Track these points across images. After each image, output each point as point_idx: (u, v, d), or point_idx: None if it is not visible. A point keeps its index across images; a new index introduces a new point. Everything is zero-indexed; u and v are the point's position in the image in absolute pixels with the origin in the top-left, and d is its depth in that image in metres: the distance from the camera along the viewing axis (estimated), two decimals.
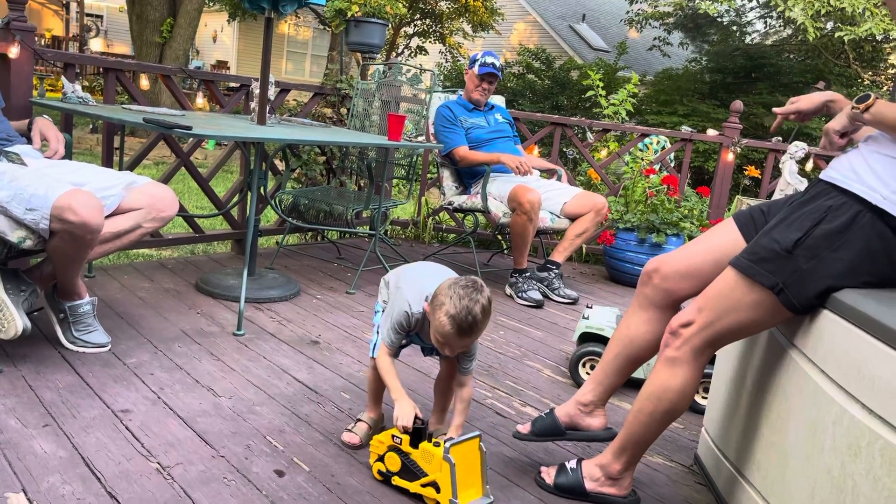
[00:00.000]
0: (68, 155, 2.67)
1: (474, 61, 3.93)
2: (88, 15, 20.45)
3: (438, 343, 1.74)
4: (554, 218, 3.73)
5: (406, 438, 1.72)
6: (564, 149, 7.73)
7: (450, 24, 14.83)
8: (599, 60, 13.80)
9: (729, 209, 4.96)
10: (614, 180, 5.09)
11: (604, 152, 5.25)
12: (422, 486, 1.72)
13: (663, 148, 5.45)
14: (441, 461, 1.67)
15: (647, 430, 1.74)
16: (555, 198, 3.76)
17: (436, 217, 4.96)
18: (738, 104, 4.69)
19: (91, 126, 10.27)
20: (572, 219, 3.74)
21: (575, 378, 2.65)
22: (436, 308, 1.69)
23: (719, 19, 13.72)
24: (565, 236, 3.74)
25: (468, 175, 3.95)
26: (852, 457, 1.31)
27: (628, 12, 14.63)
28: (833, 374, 1.41)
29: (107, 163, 3.28)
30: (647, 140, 5.39)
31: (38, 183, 2.09)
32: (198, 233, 3.82)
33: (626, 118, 5.61)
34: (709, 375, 2.34)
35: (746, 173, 5.06)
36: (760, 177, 5.00)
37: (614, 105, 5.51)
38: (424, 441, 1.71)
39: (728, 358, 1.98)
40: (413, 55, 15.44)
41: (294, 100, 4.76)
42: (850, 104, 1.59)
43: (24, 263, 2.67)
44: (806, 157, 3.80)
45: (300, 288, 3.36)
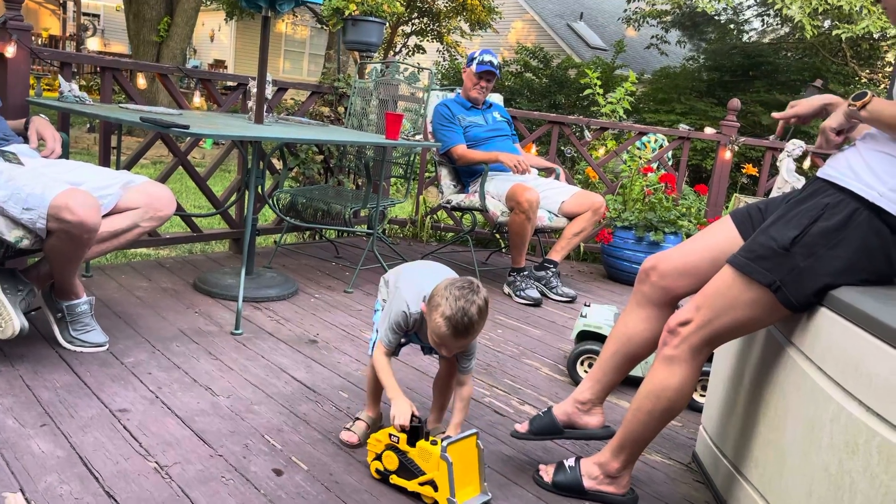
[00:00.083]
0: (65, 154, 2.67)
1: (472, 59, 3.92)
2: (85, 14, 20.42)
3: (435, 343, 1.74)
4: (552, 217, 3.73)
5: (403, 437, 1.72)
6: (562, 147, 7.73)
7: (447, 23, 14.83)
8: (597, 59, 13.80)
9: (727, 207, 4.96)
10: (612, 179, 5.09)
11: (601, 151, 5.25)
12: (419, 485, 1.72)
13: (661, 146, 5.45)
14: (438, 459, 1.67)
15: (646, 429, 1.74)
16: (553, 197, 3.76)
17: (434, 216, 4.96)
18: (736, 102, 4.69)
19: (88, 125, 10.26)
20: (570, 218, 3.74)
21: (573, 376, 2.65)
22: (432, 309, 1.69)
23: (717, 17, 13.72)
24: (563, 235, 3.75)
25: (466, 174, 3.95)
26: (850, 454, 1.31)
27: (626, 10, 14.63)
28: (831, 372, 1.41)
29: (104, 162, 3.28)
30: (645, 138, 5.39)
31: (35, 182, 2.09)
32: (195, 232, 3.81)
33: (624, 116, 5.61)
34: (707, 373, 2.35)
35: (744, 171, 5.06)
36: (758, 175, 5.00)
37: (612, 103, 5.51)
38: (422, 439, 1.72)
39: (726, 356, 1.98)
40: (410, 54, 15.44)
41: (291, 99, 4.75)
42: (847, 102, 1.59)
43: (22, 263, 2.67)
44: (803, 155, 3.80)
45: (298, 287, 3.36)
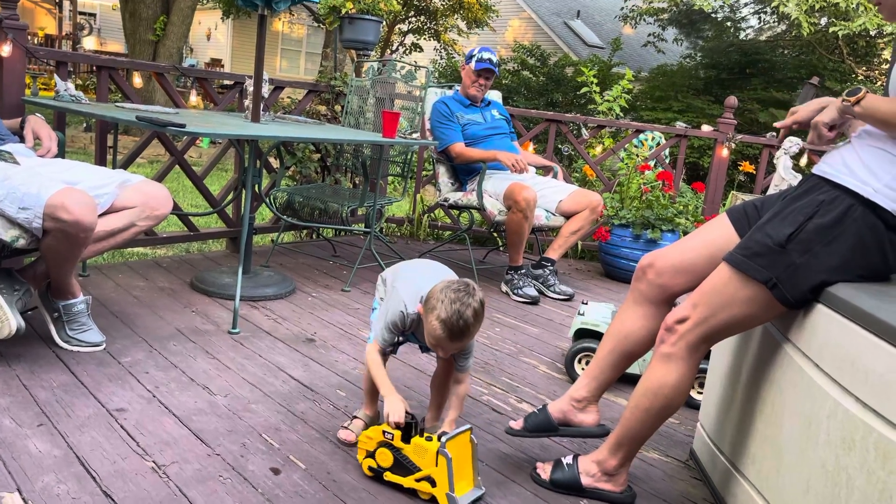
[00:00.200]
0: (61, 153, 2.66)
1: (471, 57, 3.90)
2: (81, 13, 20.37)
3: (432, 344, 1.76)
4: (549, 216, 3.73)
5: (398, 434, 1.73)
6: (559, 145, 7.73)
7: (444, 21, 14.80)
8: (594, 57, 13.80)
9: (724, 205, 4.97)
10: (609, 177, 5.09)
11: (598, 149, 5.26)
12: (416, 481, 1.72)
13: (658, 144, 5.46)
14: (434, 455, 1.68)
15: (644, 426, 1.74)
16: (550, 195, 3.76)
17: (431, 214, 4.96)
18: (733, 100, 4.69)
19: (84, 124, 10.24)
20: (568, 216, 3.74)
21: (571, 374, 2.65)
22: (428, 312, 1.70)
23: (713, 15, 13.72)
24: (560, 233, 3.75)
25: (464, 172, 3.94)
26: (846, 450, 1.31)
27: (623, 8, 14.62)
28: (827, 368, 1.42)
29: (100, 161, 3.27)
30: (643, 136, 5.39)
31: (31, 182, 2.08)
32: (192, 231, 3.81)
33: (621, 114, 5.62)
34: (704, 370, 2.35)
35: (741, 169, 5.07)
36: (755, 172, 5.01)
37: (608, 101, 5.51)
38: (416, 436, 1.72)
39: (723, 353, 1.99)
40: (408, 52, 15.41)
41: (288, 97, 4.75)
42: (841, 97, 1.59)
43: (18, 263, 2.66)
44: (800, 153, 3.81)
45: (295, 286, 3.36)
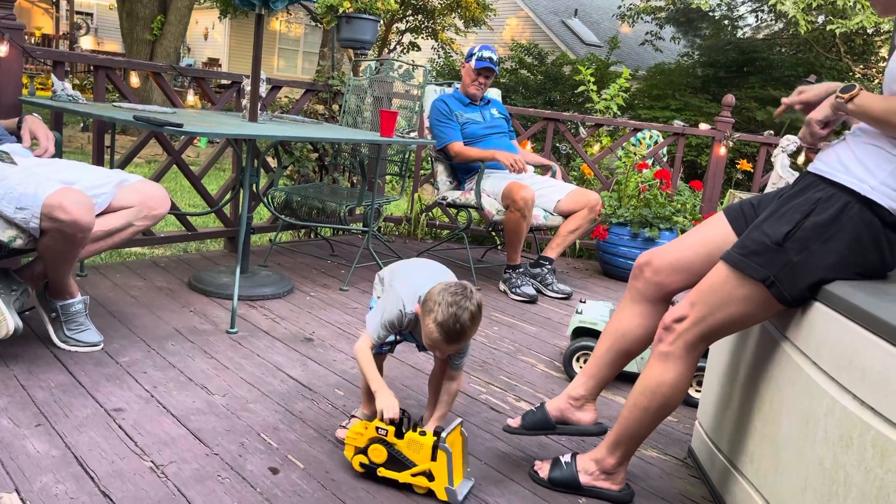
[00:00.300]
0: (58, 153, 2.66)
1: (471, 55, 3.89)
2: (78, 13, 20.33)
3: (429, 345, 1.77)
4: (547, 215, 3.73)
5: (392, 429, 1.74)
6: (557, 144, 7.72)
7: (442, 20, 14.80)
8: (592, 55, 13.81)
9: (721, 203, 4.97)
10: (607, 175, 5.10)
11: (596, 147, 5.26)
12: (412, 476, 1.74)
13: (656, 142, 5.46)
14: (430, 450, 1.70)
15: (642, 425, 1.75)
16: (549, 195, 3.76)
17: (429, 213, 4.95)
18: (730, 98, 4.70)
19: (82, 124, 10.22)
20: (566, 216, 3.74)
21: (569, 372, 2.65)
22: (426, 314, 1.71)
23: (711, 13, 13.74)
24: (558, 232, 3.74)
25: (462, 170, 3.94)
26: (844, 448, 1.31)
27: (620, 7, 14.64)
28: (825, 366, 1.42)
29: (97, 161, 3.27)
30: (641, 135, 5.39)
31: (28, 181, 2.08)
32: (190, 231, 3.80)
33: (618, 113, 5.62)
34: (702, 369, 2.35)
35: (739, 167, 5.08)
36: (753, 170, 5.01)
37: (606, 100, 5.52)
38: (409, 431, 1.74)
39: (721, 351, 1.99)
40: (405, 51, 15.41)
41: (286, 97, 4.75)
42: (835, 94, 1.59)
43: (15, 263, 2.66)
44: (798, 151, 3.81)
45: (293, 285, 3.35)
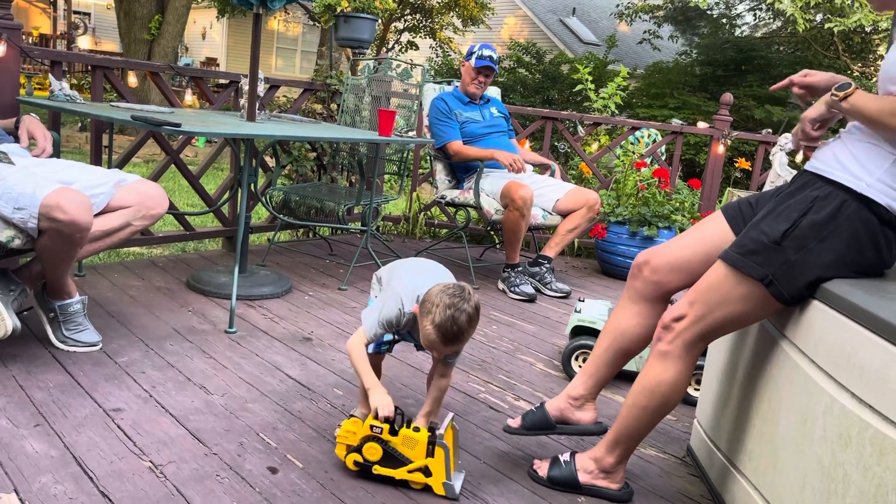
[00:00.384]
0: (56, 153, 2.66)
1: (471, 53, 3.88)
2: (76, 12, 20.29)
3: (426, 346, 1.77)
4: (546, 215, 3.73)
5: (386, 427, 1.74)
6: (556, 143, 7.72)
7: (440, 19, 14.80)
8: (590, 54, 13.80)
9: (720, 201, 4.97)
10: (605, 174, 5.10)
11: (595, 146, 5.26)
12: (408, 473, 1.74)
13: (654, 141, 5.46)
14: (426, 446, 1.72)
15: (641, 424, 1.75)
16: (548, 195, 3.76)
17: (427, 212, 4.95)
18: (729, 97, 4.70)
19: (80, 124, 10.21)
20: (565, 215, 3.73)
21: (567, 371, 2.65)
22: (423, 315, 1.71)
23: (709, 12, 13.74)
24: (557, 231, 3.74)
25: (461, 169, 3.94)
26: (843, 446, 1.31)
27: (618, 6, 14.64)
28: (823, 364, 1.42)
29: (95, 161, 3.26)
30: (639, 133, 5.39)
31: (26, 181, 2.08)
32: (188, 230, 3.80)
33: (616, 111, 5.62)
34: (701, 367, 2.35)
35: (737, 165, 5.07)
36: (751, 169, 5.02)
37: (603, 99, 5.52)
38: (403, 427, 1.74)
39: (720, 350, 1.99)
40: (403, 50, 15.40)
41: (284, 96, 4.74)
42: (831, 91, 1.58)
43: (14, 263, 2.66)
44: (796, 149, 3.81)
45: (292, 285, 3.35)
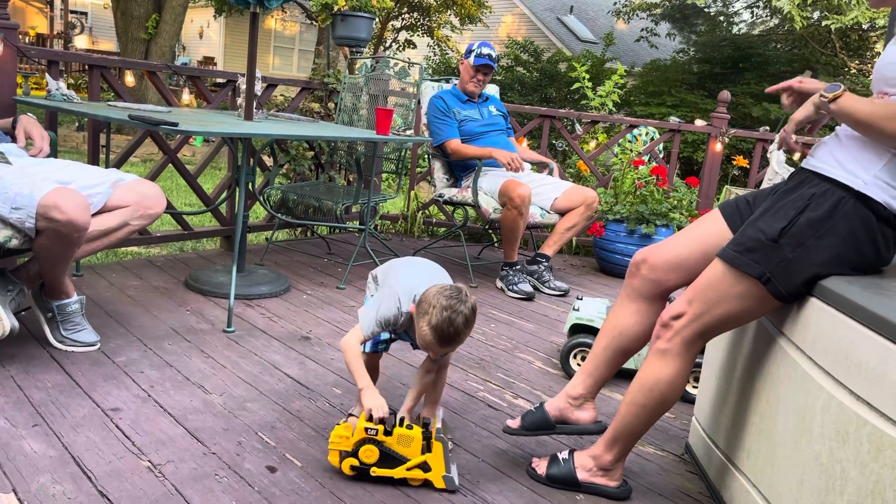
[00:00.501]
0: (53, 153, 2.65)
1: (470, 52, 3.87)
2: (73, 12, 20.25)
3: (422, 346, 1.78)
4: (544, 214, 3.73)
5: (381, 428, 1.74)
6: (553, 141, 7.72)
7: (437, 18, 14.79)
8: (587, 52, 13.81)
9: (718, 199, 4.98)
10: (603, 172, 5.10)
11: (592, 144, 5.26)
12: (407, 470, 1.75)
13: (652, 139, 5.46)
14: (422, 442, 1.73)
15: (639, 422, 1.75)
16: (545, 193, 3.76)
17: (426, 211, 4.95)
18: (726, 94, 4.70)
19: (77, 124, 10.19)
20: (563, 213, 3.73)
21: (566, 369, 2.66)
22: (420, 316, 1.71)
23: (706, 10, 13.76)
24: (555, 230, 3.74)
25: (459, 167, 3.94)
26: (840, 443, 1.32)
27: (616, 3, 14.65)
28: (821, 361, 1.42)
29: (93, 160, 3.26)
30: (637, 131, 5.40)
31: (23, 181, 2.08)
32: (186, 230, 3.80)
33: (614, 109, 5.62)
34: (699, 365, 2.36)
35: (735, 163, 5.07)
36: (749, 167, 5.02)
37: (601, 97, 5.52)
38: (396, 426, 1.75)
39: (718, 347, 1.99)
40: (401, 49, 15.39)
41: (281, 95, 4.73)
42: (819, 92, 1.58)
43: (11, 263, 2.65)
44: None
45: (290, 284, 3.35)
